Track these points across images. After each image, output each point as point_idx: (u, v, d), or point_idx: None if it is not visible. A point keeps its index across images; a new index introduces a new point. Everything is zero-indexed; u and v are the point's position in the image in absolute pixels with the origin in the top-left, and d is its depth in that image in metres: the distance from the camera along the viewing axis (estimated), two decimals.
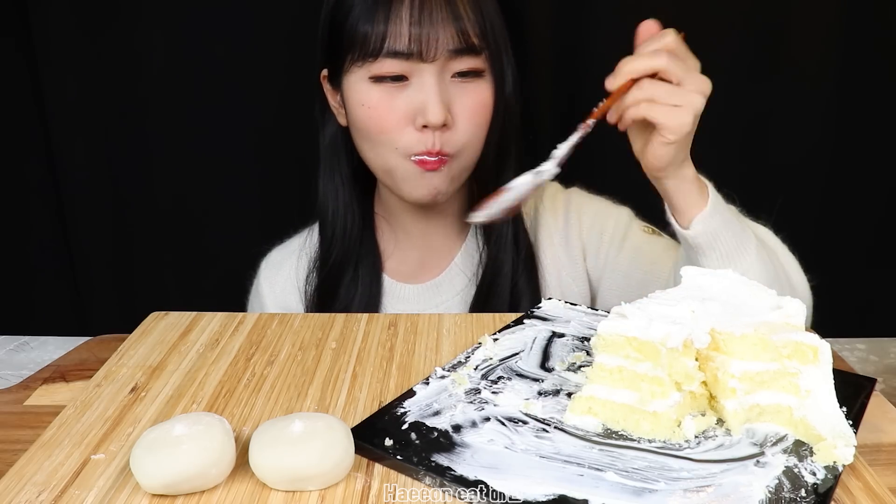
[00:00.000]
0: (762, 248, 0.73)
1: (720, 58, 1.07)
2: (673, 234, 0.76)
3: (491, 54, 0.82)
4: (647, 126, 0.68)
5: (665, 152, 0.67)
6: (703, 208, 0.70)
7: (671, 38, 0.66)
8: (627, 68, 0.65)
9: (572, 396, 0.55)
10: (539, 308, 0.73)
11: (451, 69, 0.80)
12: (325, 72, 0.87)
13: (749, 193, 1.11)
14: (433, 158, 0.81)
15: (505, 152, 0.87)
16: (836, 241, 1.15)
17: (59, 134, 1.12)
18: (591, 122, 0.65)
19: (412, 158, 0.81)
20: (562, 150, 0.65)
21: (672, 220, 0.73)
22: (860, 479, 0.49)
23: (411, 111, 0.80)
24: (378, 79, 0.80)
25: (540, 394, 0.58)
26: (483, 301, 0.89)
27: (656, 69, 0.65)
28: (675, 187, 0.70)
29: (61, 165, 1.13)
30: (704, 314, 0.53)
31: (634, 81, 0.65)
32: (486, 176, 0.87)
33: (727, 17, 1.06)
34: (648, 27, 0.68)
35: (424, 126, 0.80)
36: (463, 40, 0.79)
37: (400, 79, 0.80)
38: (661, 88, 0.65)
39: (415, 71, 0.79)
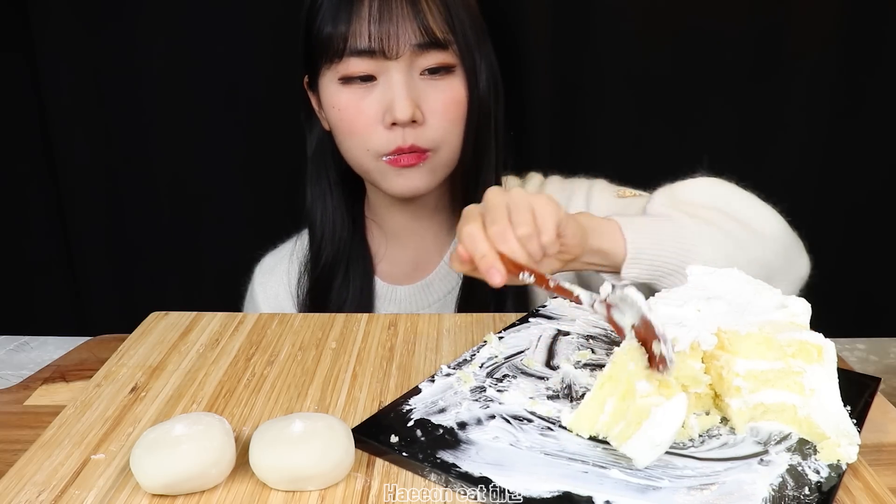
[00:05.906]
0: (702, 225, 0.70)
1: (720, 57, 1.07)
2: None
3: (460, 49, 0.81)
4: None
5: (563, 260, 0.65)
6: (621, 243, 0.66)
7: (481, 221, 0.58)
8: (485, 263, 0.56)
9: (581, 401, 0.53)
10: (544, 306, 0.72)
11: (418, 66, 0.80)
12: (306, 77, 0.87)
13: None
14: (407, 154, 0.80)
15: (484, 148, 0.85)
16: (836, 241, 1.15)
17: (58, 134, 1.12)
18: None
19: (383, 159, 0.81)
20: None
21: (615, 276, 0.69)
22: (860, 479, 0.49)
23: (380, 110, 0.80)
24: (347, 80, 0.80)
25: (546, 393, 0.57)
26: (467, 296, 0.88)
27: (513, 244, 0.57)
28: (593, 247, 0.67)
29: (61, 165, 1.13)
30: (710, 313, 0.53)
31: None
32: (467, 172, 0.86)
33: (727, 17, 1.06)
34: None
35: (393, 124, 0.79)
36: (426, 35, 0.78)
37: (368, 79, 0.80)
38: (527, 244, 0.58)
39: (382, 70, 0.79)
